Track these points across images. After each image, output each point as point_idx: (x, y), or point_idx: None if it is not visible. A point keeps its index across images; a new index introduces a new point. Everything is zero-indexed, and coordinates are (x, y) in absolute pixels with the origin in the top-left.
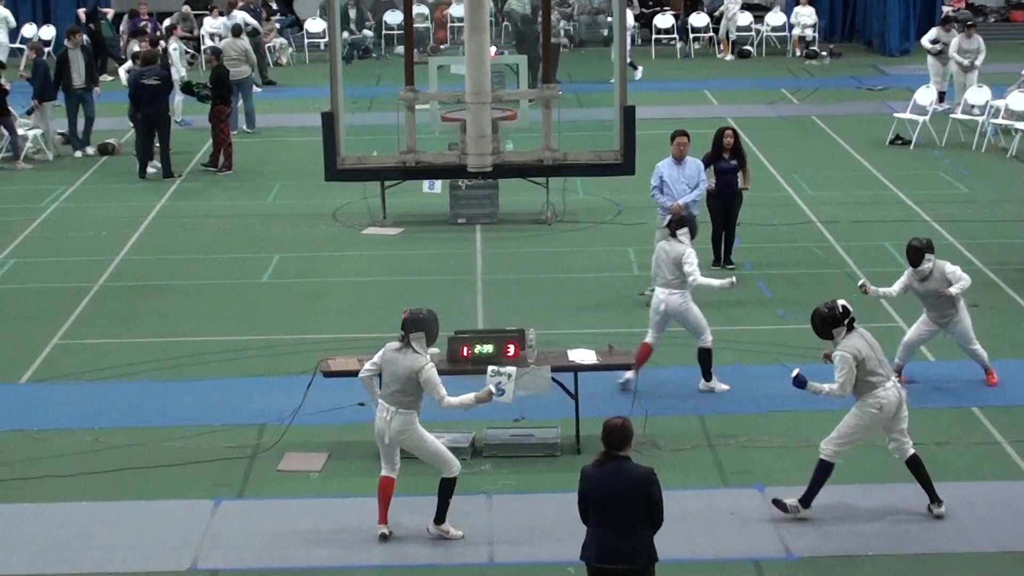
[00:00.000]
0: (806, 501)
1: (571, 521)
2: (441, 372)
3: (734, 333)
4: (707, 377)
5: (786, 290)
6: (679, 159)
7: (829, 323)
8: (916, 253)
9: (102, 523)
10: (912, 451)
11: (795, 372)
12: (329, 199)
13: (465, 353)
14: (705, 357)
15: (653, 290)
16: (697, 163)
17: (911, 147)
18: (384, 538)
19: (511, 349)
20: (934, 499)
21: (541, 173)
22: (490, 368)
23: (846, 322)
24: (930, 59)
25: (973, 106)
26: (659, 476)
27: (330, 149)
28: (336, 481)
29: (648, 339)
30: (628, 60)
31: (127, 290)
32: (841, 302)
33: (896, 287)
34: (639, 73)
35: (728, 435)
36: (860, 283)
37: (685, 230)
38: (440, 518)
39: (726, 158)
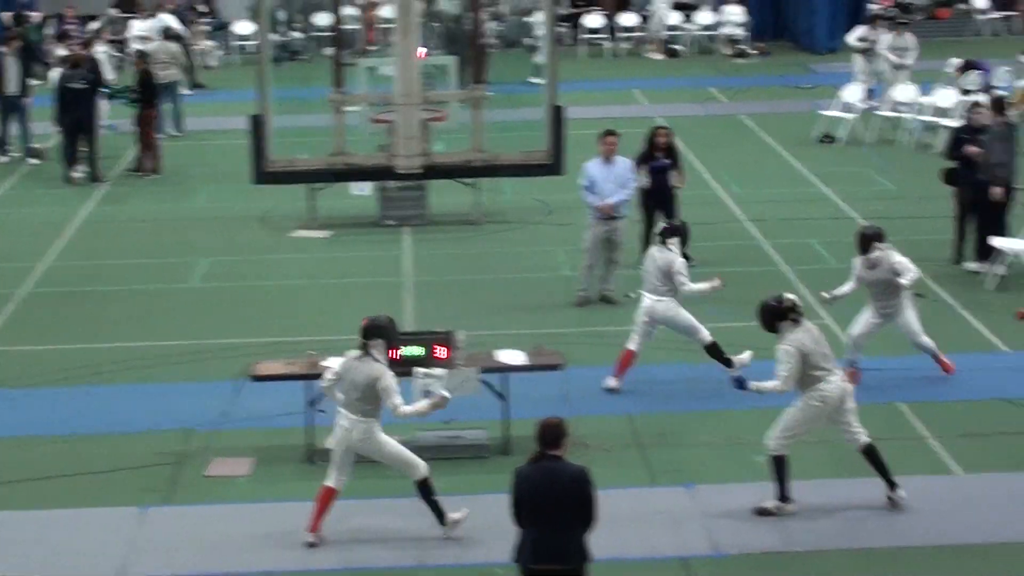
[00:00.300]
0: (784, 498)
1: (500, 522)
2: None
3: (661, 332)
4: (728, 364)
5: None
6: (608, 159)
7: (776, 315)
8: (865, 240)
9: (27, 532)
10: (866, 440)
11: (735, 375)
12: (258, 202)
13: (394, 355)
14: (714, 351)
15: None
16: (626, 162)
17: (839, 144)
18: (311, 546)
19: (440, 351)
20: (892, 485)
21: (470, 174)
22: (419, 370)
23: (791, 316)
24: (856, 57)
25: (900, 103)
26: None
27: (258, 152)
28: (264, 486)
29: (631, 345)
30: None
31: (54, 296)
32: (789, 295)
33: (852, 282)
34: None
35: (656, 434)
36: (826, 297)
37: (676, 239)
38: (442, 519)
39: (659, 157)
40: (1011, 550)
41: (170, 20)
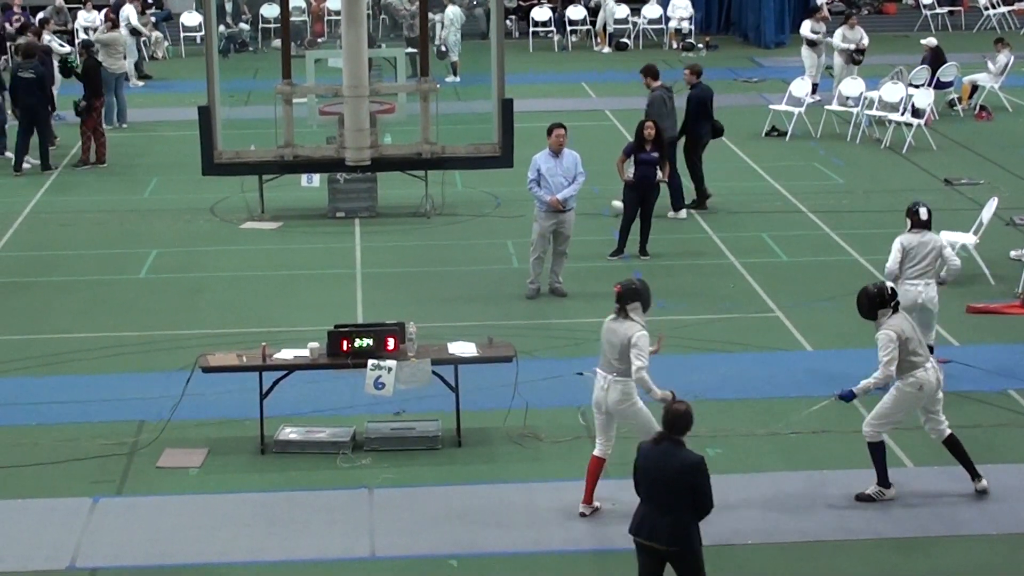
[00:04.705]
0: (883, 483)
1: (452, 514)
2: (321, 366)
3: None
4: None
5: (663, 280)
6: (557, 152)
7: (876, 303)
8: None
9: None
10: (949, 431)
11: (842, 392)
12: (207, 194)
13: (345, 347)
14: None
15: None
16: (575, 156)
17: (787, 138)
18: (583, 516)
19: (391, 343)
20: (975, 476)
21: (420, 166)
22: (370, 362)
23: (892, 304)
24: (804, 50)
25: (848, 97)
26: (540, 467)
27: (207, 143)
28: (215, 477)
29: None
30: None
31: (2, 286)
32: (890, 284)
33: None
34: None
35: None
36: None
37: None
38: None
39: (648, 150)
40: None
41: (130, 12)
